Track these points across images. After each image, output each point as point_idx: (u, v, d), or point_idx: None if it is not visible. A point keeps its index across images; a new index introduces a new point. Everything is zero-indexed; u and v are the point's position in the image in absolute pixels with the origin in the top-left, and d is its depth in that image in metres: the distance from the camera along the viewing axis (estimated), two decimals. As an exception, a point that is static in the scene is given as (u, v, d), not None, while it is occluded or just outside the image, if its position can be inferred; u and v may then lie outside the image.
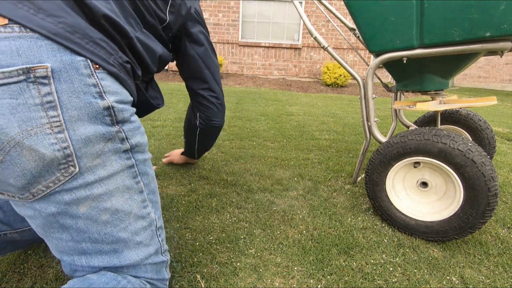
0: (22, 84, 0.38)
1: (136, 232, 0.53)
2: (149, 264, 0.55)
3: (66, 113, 0.42)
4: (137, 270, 0.54)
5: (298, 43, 6.86)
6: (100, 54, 0.47)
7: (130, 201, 0.52)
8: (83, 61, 0.44)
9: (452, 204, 0.83)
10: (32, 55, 0.39)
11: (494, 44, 0.79)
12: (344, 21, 1.40)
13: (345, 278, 0.70)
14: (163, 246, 0.59)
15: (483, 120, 1.28)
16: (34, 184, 0.42)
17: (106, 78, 0.47)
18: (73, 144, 0.43)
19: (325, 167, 1.43)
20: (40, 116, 0.40)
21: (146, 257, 0.55)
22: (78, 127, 0.43)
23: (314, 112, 3.03)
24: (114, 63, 0.49)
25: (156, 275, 0.57)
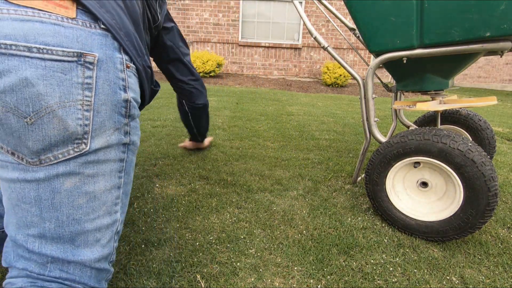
0: (73, 64, 0.46)
1: (99, 228, 0.53)
2: (96, 269, 0.53)
3: (97, 96, 0.48)
4: (83, 273, 0.52)
5: (298, 43, 6.86)
6: (133, 54, 0.55)
7: (108, 193, 0.53)
8: (120, 58, 0.52)
9: (452, 204, 0.83)
10: (86, 44, 0.47)
11: (494, 44, 0.79)
12: (344, 21, 1.40)
13: (345, 278, 0.70)
14: (114, 254, 0.58)
15: (483, 120, 1.28)
16: (48, 151, 0.46)
17: (132, 76, 0.54)
18: (93, 124, 0.48)
19: (325, 167, 1.43)
20: (78, 93, 0.47)
21: (98, 258, 0.53)
22: (101, 110, 0.49)
23: (314, 112, 3.02)
24: (140, 64, 0.57)
25: (97, 284, 0.55)
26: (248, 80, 6.15)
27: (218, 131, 2.02)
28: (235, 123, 2.28)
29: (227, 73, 6.75)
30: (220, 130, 2.05)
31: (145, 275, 0.68)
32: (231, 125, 2.23)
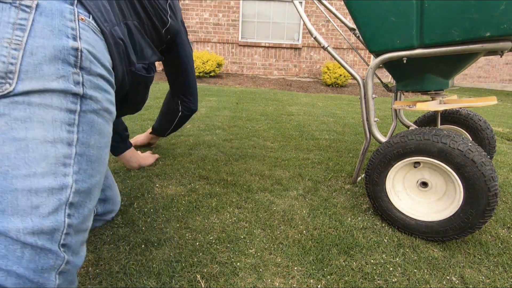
0: (7, 5, 0.44)
1: (36, 190, 0.42)
2: (31, 246, 0.41)
3: (33, 39, 0.45)
4: (8, 251, 0.39)
5: (298, 43, 6.86)
6: (96, 14, 0.53)
7: (49, 146, 0.44)
8: (71, 9, 0.49)
9: (452, 204, 0.83)
10: None
11: (494, 44, 0.79)
12: (344, 21, 1.40)
13: (345, 278, 0.70)
14: (69, 239, 0.45)
15: (483, 120, 1.28)
16: None
17: (88, 31, 0.51)
18: (22, 65, 0.44)
19: (325, 167, 1.43)
20: (6, 31, 0.43)
21: (34, 231, 0.41)
22: (37, 52, 0.45)
23: (314, 112, 3.02)
24: (107, 30, 0.55)
25: (34, 274, 0.41)
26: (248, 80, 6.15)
27: (218, 131, 2.02)
28: (235, 123, 2.28)
29: (227, 73, 6.75)
30: (220, 130, 2.05)
31: (145, 275, 0.68)
32: (231, 125, 2.23)
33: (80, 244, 0.50)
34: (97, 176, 0.52)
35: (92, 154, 0.51)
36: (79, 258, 0.49)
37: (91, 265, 0.71)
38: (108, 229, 0.85)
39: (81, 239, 0.49)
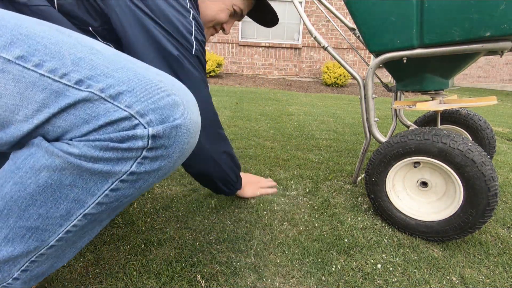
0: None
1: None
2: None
3: None
4: None
5: (298, 43, 6.87)
6: None
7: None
8: None
9: (452, 204, 0.83)
10: None
11: (494, 44, 0.79)
12: (344, 21, 1.40)
13: (345, 278, 0.70)
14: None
15: (483, 120, 1.28)
16: None
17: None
18: None
19: (325, 167, 1.43)
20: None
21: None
22: None
23: (314, 112, 3.02)
24: None
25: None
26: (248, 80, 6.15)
27: (218, 131, 2.02)
28: (235, 123, 2.28)
29: (227, 73, 6.75)
30: (220, 130, 2.05)
31: (145, 275, 0.68)
32: (231, 125, 2.23)
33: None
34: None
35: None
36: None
37: (91, 264, 0.71)
38: (108, 229, 0.85)
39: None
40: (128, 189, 0.41)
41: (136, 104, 0.37)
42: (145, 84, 0.38)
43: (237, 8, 0.85)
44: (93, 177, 0.38)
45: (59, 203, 0.39)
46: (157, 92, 0.39)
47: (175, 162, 0.43)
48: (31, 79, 0.35)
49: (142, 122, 0.37)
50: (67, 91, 0.35)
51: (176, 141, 0.40)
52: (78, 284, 0.65)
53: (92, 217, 0.42)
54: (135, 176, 0.40)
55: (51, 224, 0.40)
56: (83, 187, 0.39)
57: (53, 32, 0.38)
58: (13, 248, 0.40)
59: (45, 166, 0.36)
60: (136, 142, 0.37)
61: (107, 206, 0.42)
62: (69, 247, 0.45)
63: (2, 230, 0.39)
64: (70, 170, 0.37)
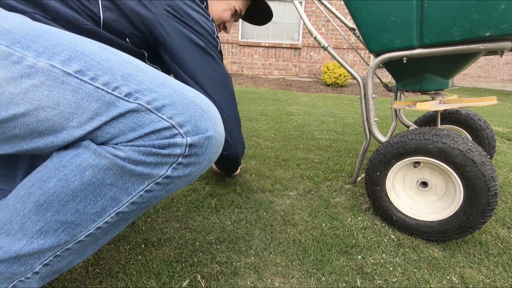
0: None
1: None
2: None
3: None
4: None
5: (298, 43, 6.87)
6: None
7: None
8: None
9: (452, 204, 0.83)
10: None
11: (494, 44, 0.79)
12: (344, 21, 1.40)
13: (345, 278, 0.70)
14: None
15: (483, 120, 1.28)
16: None
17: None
18: None
19: (325, 167, 1.43)
20: None
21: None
22: None
23: (314, 112, 3.03)
24: None
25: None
26: (248, 80, 6.16)
27: (218, 131, 2.02)
28: (235, 123, 2.28)
29: (227, 73, 6.74)
30: (220, 130, 2.05)
31: (145, 275, 0.68)
32: (231, 125, 2.22)
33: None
34: None
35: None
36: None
37: (91, 264, 0.71)
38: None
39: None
40: (160, 191, 0.46)
41: (177, 116, 0.42)
42: (183, 99, 0.43)
43: (237, 8, 0.94)
44: (132, 178, 0.43)
45: (97, 200, 0.42)
46: (193, 106, 0.44)
47: (203, 169, 0.48)
48: (87, 90, 0.40)
49: (181, 132, 0.42)
50: (118, 102, 0.40)
51: (207, 150, 0.46)
52: (78, 284, 0.65)
53: (123, 215, 0.46)
54: (168, 180, 0.45)
55: (85, 219, 0.43)
56: (121, 187, 0.43)
57: (103, 51, 0.43)
58: (44, 241, 0.42)
59: (91, 166, 0.40)
60: (175, 149, 0.42)
61: (139, 205, 0.46)
62: (92, 244, 0.48)
63: (38, 223, 0.42)
64: (114, 170, 0.41)
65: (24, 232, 0.42)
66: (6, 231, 0.42)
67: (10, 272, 0.43)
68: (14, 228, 0.42)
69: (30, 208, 0.42)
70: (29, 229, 0.42)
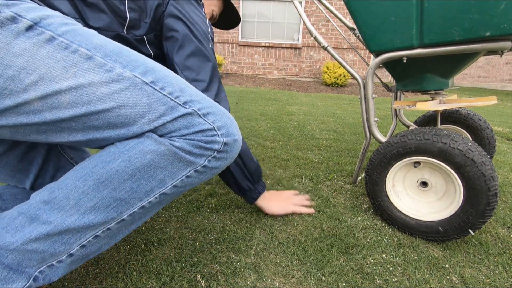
0: None
1: (114, 97, 0.48)
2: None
3: None
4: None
5: (298, 42, 6.86)
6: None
7: (82, 73, 0.46)
8: None
9: (452, 203, 0.83)
10: None
11: (494, 44, 0.79)
12: (344, 21, 1.40)
13: (345, 278, 0.70)
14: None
15: (483, 120, 1.28)
16: None
17: None
18: None
19: (325, 167, 1.43)
20: None
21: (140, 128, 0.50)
22: None
23: (314, 112, 3.03)
24: None
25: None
26: (248, 80, 6.16)
27: (218, 131, 2.02)
28: (235, 123, 2.28)
29: (227, 73, 6.75)
30: (220, 130, 2.05)
31: (145, 275, 0.68)
32: (231, 125, 2.22)
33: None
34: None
35: (111, 48, 0.54)
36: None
37: (91, 264, 0.71)
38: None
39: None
40: (196, 178, 0.56)
41: (216, 122, 0.55)
42: (219, 110, 0.57)
43: (215, 12, 1.01)
44: (179, 164, 0.53)
45: (149, 180, 0.51)
46: (226, 116, 0.57)
47: (226, 165, 0.60)
48: (157, 96, 0.50)
49: (219, 133, 0.55)
50: (178, 107, 0.52)
51: (233, 149, 0.58)
52: (78, 284, 0.65)
53: (163, 197, 0.55)
54: (204, 169, 0.56)
55: (134, 197, 0.51)
56: (170, 170, 0.52)
57: (161, 67, 0.54)
58: (94, 217, 0.49)
59: (152, 151, 0.50)
60: (214, 145, 0.54)
61: (178, 189, 0.55)
62: (126, 228, 0.55)
63: (94, 199, 0.48)
64: (169, 156, 0.51)
65: (78, 207, 0.47)
66: (60, 207, 0.47)
67: (50, 251, 0.47)
68: (69, 204, 0.47)
69: (90, 185, 0.48)
70: (84, 205, 0.48)
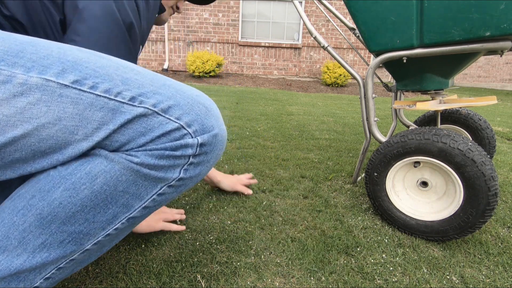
0: None
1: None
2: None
3: None
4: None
5: (298, 42, 6.86)
6: None
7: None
8: None
9: (452, 203, 0.83)
10: None
11: (494, 44, 0.79)
12: (344, 21, 1.40)
13: (345, 278, 0.70)
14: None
15: (483, 120, 1.28)
16: None
17: None
18: None
19: (325, 167, 1.43)
20: None
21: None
22: None
23: (314, 112, 3.03)
24: None
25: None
26: (248, 80, 6.16)
27: (218, 131, 2.02)
28: (235, 123, 2.28)
29: (227, 73, 6.75)
30: (220, 130, 2.05)
31: (145, 275, 0.68)
32: (231, 125, 2.23)
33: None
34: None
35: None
36: None
37: (91, 264, 0.71)
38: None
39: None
40: (172, 193, 0.45)
41: (184, 116, 0.41)
42: (186, 98, 0.42)
43: None
44: (145, 183, 0.41)
45: (108, 208, 0.40)
46: (197, 105, 0.43)
47: (210, 167, 0.47)
48: (88, 100, 0.37)
49: (190, 132, 0.41)
50: (122, 107, 0.38)
51: (215, 148, 0.45)
52: (78, 284, 0.65)
53: (134, 220, 0.44)
54: (181, 182, 0.44)
55: (94, 228, 0.41)
56: (134, 193, 0.41)
57: (95, 57, 0.40)
58: (48, 254, 0.39)
59: (103, 172, 0.38)
60: (187, 150, 0.42)
61: (150, 209, 0.45)
62: (97, 252, 0.45)
63: (41, 236, 0.38)
64: (127, 176, 0.39)
65: (24, 247, 0.38)
66: (2, 248, 0.38)
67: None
68: (12, 244, 0.38)
69: (31, 221, 0.38)
70: (30, 243, 0.38)
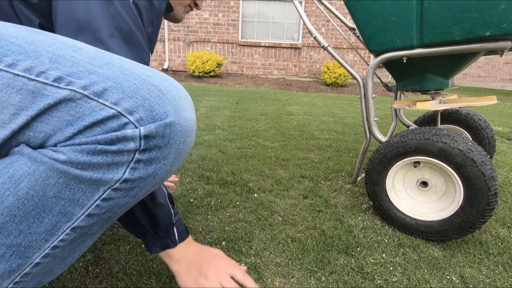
0: None
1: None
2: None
3: None
4: None
5: (298, 42, 6.86)
6: None
7: None
8: None
9: (452, 203, 0.83)
10: None
11: (494, 44, 0.79)
12: (344, 21, 1.40)
13: (345, 278, 0.70)
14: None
15: (483, 120, 1.28)
16: None
17: None
18: None
19: (325, 167, 1.43)
20: None
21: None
22: None
23: (314, 112, 3.03)
24: None
25: None
26: (248, 80, 6.15)
27: (218, 131, 2.02)
28: (235, 123, 2.28)
29: (227, 73, 6.75)
30: (220, 130, 2.05)
31: (145, 275, 0.68)
32: (231, 124, 2.23)
33: None
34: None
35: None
36: None
37: (91, 264, 0.71)
38: (108, 229, 0.85)
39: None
40: (122, 198, 0.38)
41: (124, 101, 0.33)
42: (132, 79, 0.34)
43: None
44: (81, 186, 0.34)
45: (42, 217, 0.35)
46: (147, 86, 0.35)
47: (172, 164, 0.39)
48: (4, 80, 0.31)
49: (132, 120, 0.33)
50: (45, 90, 0.32)
51: (171, 141, 0.36)
52: (78, 284, 0.65)
53: (82, 230, 0.38)
54: (129, 184, 0.36)
55: (35, 240, 0.35)
56: (70, 198, 0.35)
57: (29, 33, 0.34)
58: None
59: (26, 175, 0.32)
60: (127, 144, 0.34)
61: (99, 217, 0.38)
62: (58, 264, 0.41)
63: None
64: (56, 178, 0.33)
65: None
66: None
67: None
68: None
69: None
70: None
